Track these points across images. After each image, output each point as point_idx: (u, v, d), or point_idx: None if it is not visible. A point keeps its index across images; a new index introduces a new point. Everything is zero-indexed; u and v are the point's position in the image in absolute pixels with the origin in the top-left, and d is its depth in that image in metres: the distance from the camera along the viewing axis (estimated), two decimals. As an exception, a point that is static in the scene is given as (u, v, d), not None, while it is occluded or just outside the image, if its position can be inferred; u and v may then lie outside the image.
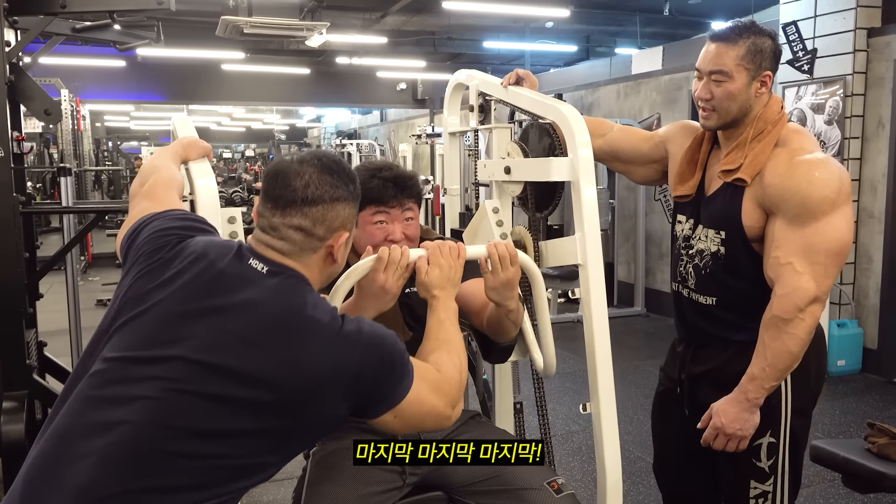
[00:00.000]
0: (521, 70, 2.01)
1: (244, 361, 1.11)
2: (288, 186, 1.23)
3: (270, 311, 1.16)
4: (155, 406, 1.08)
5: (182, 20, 8.57)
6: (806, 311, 1.58)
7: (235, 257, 1.22)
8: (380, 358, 1.19)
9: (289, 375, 1.12)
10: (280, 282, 1.20)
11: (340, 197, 1.25)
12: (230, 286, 1.18)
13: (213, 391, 1.09)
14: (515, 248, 1.55)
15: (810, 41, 4.83)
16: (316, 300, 1.20)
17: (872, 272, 4.74)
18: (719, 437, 1.68)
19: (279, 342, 1.13)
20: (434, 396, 1.27)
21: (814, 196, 1.58)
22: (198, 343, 1.12)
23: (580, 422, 3.83)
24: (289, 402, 1.13)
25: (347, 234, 1.28)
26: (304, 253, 1.24)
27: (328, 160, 1.27)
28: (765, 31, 1.69)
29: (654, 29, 9.67)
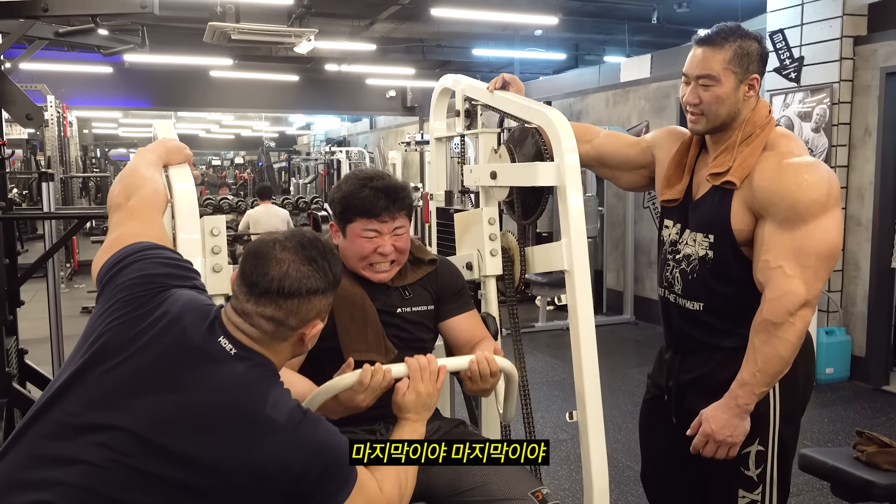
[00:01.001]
0: (507, 74, 2.00)
1: (190, 446, 1.09)
2: (265, 275, 1.19)
3: (229, 402, 1.13)
4: (94, 473, 1.07)
5: (169, 26, 8.54)
6: (797, 314, 1.57)
7: (208, 331, 1.19)
8: (325, 466, 1.18)
9: (232, 469, 1.10)
10: (246, 371, 1.17)
11: (318, 290, 1.21)
12: (196, 363, 1.16)
13: (152, 469, 1.08)
14: (496, 362, 1.53)
15: (797, 49, 4.85)
16: (277, 397, 1.17)
17: (860, 279, 4.75)
18: (709, 443, 1.66)
19: (230, 436, 1.11)
20: (364, 497, 1.24)
21: (803, 199, 1.56)
22: (149, 417, 1.10)
23: (568, 430, 3.80)
24: (224, 493, 1.11)
25: (321, 322, 1.25)
26: (273, 341, 1.22)
27: (311, 248, 1.23)
28: (751, 34, 1.68)
29: (642, 37, 9.73)
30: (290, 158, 18.30)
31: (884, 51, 4.51)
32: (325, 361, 1.57)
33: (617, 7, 8.65)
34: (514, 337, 1.94)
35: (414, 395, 1.41)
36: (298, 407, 1.20)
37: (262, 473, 1.12)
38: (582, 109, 7.58)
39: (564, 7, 8.25)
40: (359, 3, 8.49)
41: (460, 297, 1.80)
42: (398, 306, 1.72)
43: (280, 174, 18.34)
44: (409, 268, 1.77)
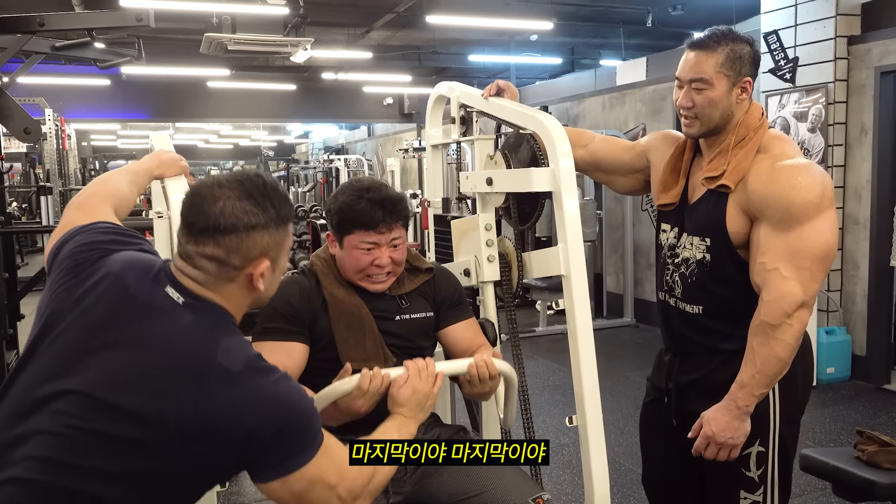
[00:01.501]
0: (501, 81, 2.00)
1: (140, 402, 1.07)
2: (202, 213, 1.16)
3: (177, 353, 1.10)
4: (53, 442, 1.06)
5: (166, 38, 8.57)
6: (794, 316, 1.57)
7: (153, 282, 1.16)
8: (283, 423, 1.12)
9: (183, 423, 1.07)
10: (194, 320, 1.13)
11: (257, 225, 1.17)
12: (142, 317, 1.13)
13: (106, 429, 1.06)
14: (495, 366, 1.54)
15: (791, 50, 4.86)
16: (230, 345, 1.13)
17: (859, 278, 4.75)
18: (710, 445, 1.66)
19: (180, 389, 1.08)
20: (333, 480, 1.18)
21: (798, 201, 1.57)
22: (99, 377, 1.08)
23: (570, 434, 3.80)
24: (178, 451, 1.08)
25: (268, 261, 1.20)
26: (220, 283, 1.17)
27: (251, 183, 1.19)
28: (743, 37, 1.69)
29: (637, 40, 9.74)
30: (289, 167, 18.32)
31: (878, 50, 4.52)
32: (325, 371, 1.57)
33: (612, 11, 8.66)
34: (513, 342, 1.95)
35: (410, 391, 1.40)
36: (258, 358, 1.15)
37: (213, 427, 1.08)
38: (579, 113, 7.60)
39: (559, 12, 8.27)
40: (354, 12, 8.52)
41: (458, 305, 1.81)
42: (396, 314, 1.73)
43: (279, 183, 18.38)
44: (407, 276, 1.77)
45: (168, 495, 1.11)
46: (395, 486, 1.61)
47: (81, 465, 1.05)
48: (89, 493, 1.05)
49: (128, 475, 1.06)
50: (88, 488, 1.05)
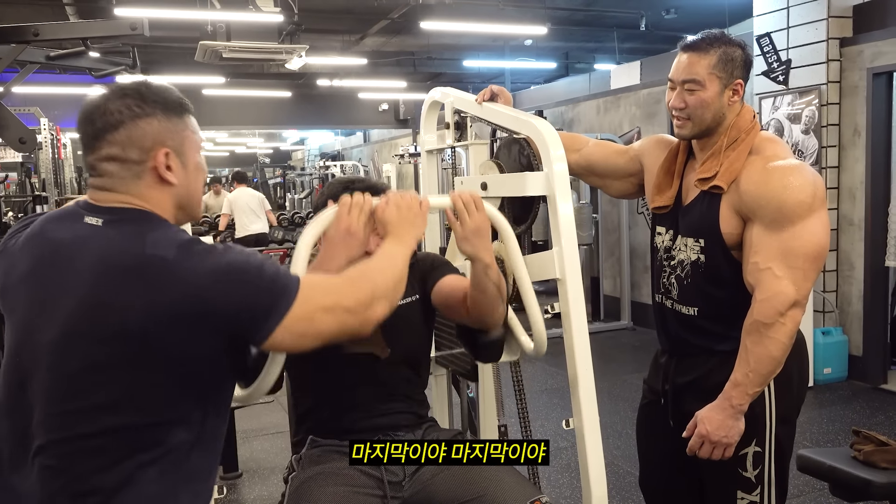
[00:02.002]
0: (494, 86, 2.01)
1: (102, 323, 1.08)
2: (89, 121, 1.18)
3: (111, 265, 1.10)
4: (52, 397, 1.10)
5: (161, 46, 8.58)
6: (787, 315, 1.58)
7: (71, 219, 1.18)
8: (240, 282, 1.10)
9: (144, 321, 1.07)
10: (117, 231, 1.14)
11: (142, 114, 1.17)
12: (70, 259, 1.13)
13: (88, 362, 1.08)
14: (480, 196, 1.55)
15: (784, 52, 4.89)
16: (157, 238, 1.12)
17: (855, 279, 4.77)
18: (705, 444, 1.66)
19: (126, 293, 1.07)
20: (330, 302, 1.16)
21: (789, 201, 1.58)
22: (60, 318, 1.10)
23: (569, 438, 3.80)
24: (151, 347, 1.08)
25: (168, 150, 1.19)
26: (128, 182, 1.17)
27: (128, 86, 1.20)
28: (735, 40, 1.70)
29: (631, 44, 9.79)
30: (285, 174, 18.32)
31: (870, 51, 4.55)
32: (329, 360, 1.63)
33: (605, 15, 8.71)
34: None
35: (395, 209, 1.41)
36: (192, 240, 1.14)
37: (175, 316, 1.07)
38: (574, 117, 7.62)
39: (553, 16, 8.31)
40: (349, 19, 8.55)
41: (439, 268, 1.83)
42: None
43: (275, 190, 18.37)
44: None
45: (184, 400, 1.13)
46: (394, 490, 1.61)
47: (83, 406, 1.08)
48: (103, 428, 1.08)
49: (129, 398, 1.09)
50: (100, 424, 1.08)
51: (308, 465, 1.64)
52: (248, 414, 4.35)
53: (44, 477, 1.09)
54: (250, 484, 3.47)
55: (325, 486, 1.55)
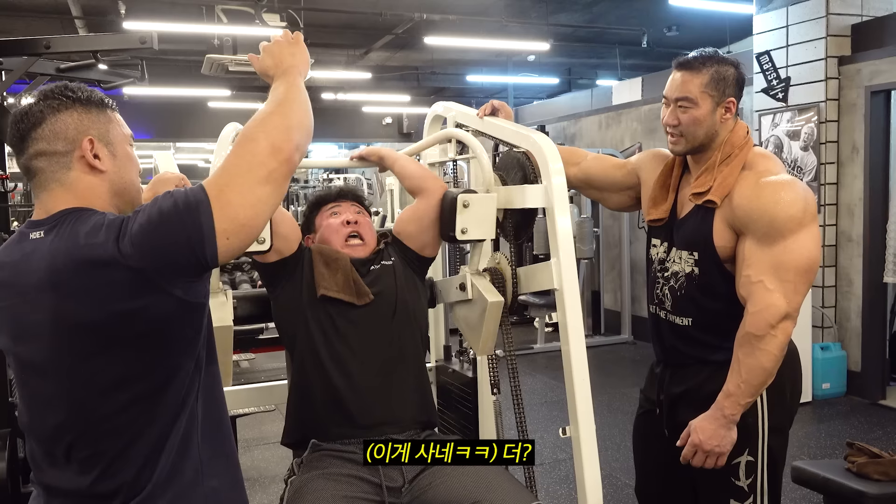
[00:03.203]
0: (496, 101, 2.06)
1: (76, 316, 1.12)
2: (13, 126, 1.21)
3: (56, 265, 1.13)
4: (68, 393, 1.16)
5: (168, 59, 8.67)
6: (778, 327, 1.62)
7: (18, 241, 1.21)
8: (160, 237, 1.10)
9: (106, 306, 1.11)
10: (55, 236, 1.16)
11: (60, 107, 1.21)
12: (25, 276, 1.16)
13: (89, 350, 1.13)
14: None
15: (784, 70, 4.95)
16: (88, 228, 1.14)
17: (853, 295, 4.80)
18: (698, 453, 1.70)
19: (79, 285, 1.11)
20: (236, 171, 1.14)
21: (781, 216, 1.62)
22: (45, 328, 1.14)
23: (567, 450, 3.82)
24: (130, 323, 1.12)
25: (93, 138, 1.22)
26: (60, 174, 1.20)
27: (48, 88, 1.23)
28: (728, 59, 1.75)
29: (633, 61, 9.87)
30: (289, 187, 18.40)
31: (868, 70, 4.60)
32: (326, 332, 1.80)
33: (608, 32, 8.79)
34: (508, 357, 1.99)
35: (268, 57, 1.34)
36: (118, 218, 1.15)
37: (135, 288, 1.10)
38: (575, 133, 7.68)
39: (556, 33, 8.39)
40: (353, 33, 8.63)
41: None
42: (371, 264, 1.91)
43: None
44: None
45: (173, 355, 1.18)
46: (392, 496, 1.64)
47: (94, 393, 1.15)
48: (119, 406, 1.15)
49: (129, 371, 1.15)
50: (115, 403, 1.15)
51: (308, 468, 1.68)
52: (249, 423, 4.38)
53: (83, 468, 1.17)
54: (251, 492, 3.49)
55: (323, 489, 1.59)
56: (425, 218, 1.91)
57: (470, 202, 1.83)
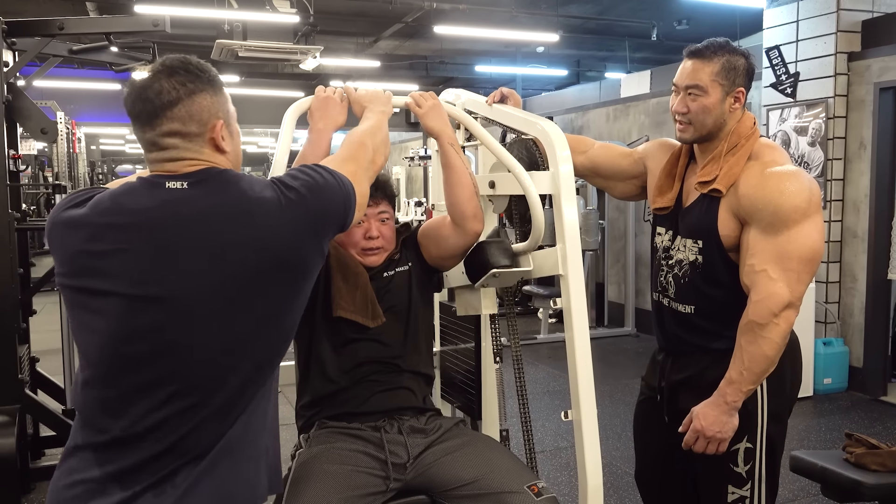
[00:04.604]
0: (505, 88, 2.08)
1: (232, 266, 1.18)
2: (144, 100, 1.24)
3: (220, 213, 1.20)
4: (190, 341, 1.19)
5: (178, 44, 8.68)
6: (780, 316, 1.64)
7: (148, 189, 1.22)
8: (326, 197, 1.30)
9: (271, 253, 1.21)
10: (207, 187, 1.23)
11: (196, 90, 1.26)
12: (164, 214, 1.20)
13: (232, 299, 1.19)
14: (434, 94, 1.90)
15: (793, 65, 4.94)
16: (250, 182, 1.25)
17: (857, 291, 4.81)
18: (699, 440, 1.72)
19: (244, 233, 1.20)
20: (363, 171, 1.44)
21: (785, 206, 1.64)
22: (185, 273, 1.18)
23: (569, 438, 3.86)
24: (286, 268, 1.23)
25: (222, 121, 1.29)
26: (191, 153, 1.26)
27: (172, 62, 1.27)
28: (738, 49, 1.77)
29: (642, 54, 9.85)
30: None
31: (877, 66, 4.59)
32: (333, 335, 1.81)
33: (617, 24, 8.77)
34: (513, 346, 2.01)
35: (364, 91, 1.73)
36: (274, 179, 1.29)
37: (293, 239, 1.23)
38: (583, 125, 7.68)
39: (566, 24, 8.38)
40: (363, 21, 8.63)
41: (419, 226, 2.01)
42: (385, 270, 1.90)
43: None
44: None
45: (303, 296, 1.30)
46: (397, 472, 1.68)
47: (229, 340, 1.20)
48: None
49: (274, 319, 1.24)
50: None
51: (315, 443, 1.71)
52: (253, 406, 4.41)
53: (176, 421, 1.18)
54: (255, 473, 3.53)
55: (328, 463, 1.62)
56: (450, 251, 1.88)
57: (501, 274, 1.85)
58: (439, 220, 1.91)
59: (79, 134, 10.65)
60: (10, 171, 2.92)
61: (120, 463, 1.16)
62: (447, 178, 1.81)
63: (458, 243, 1.84)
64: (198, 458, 1.18)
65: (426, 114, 1.84)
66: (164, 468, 1.16)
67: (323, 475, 1.59)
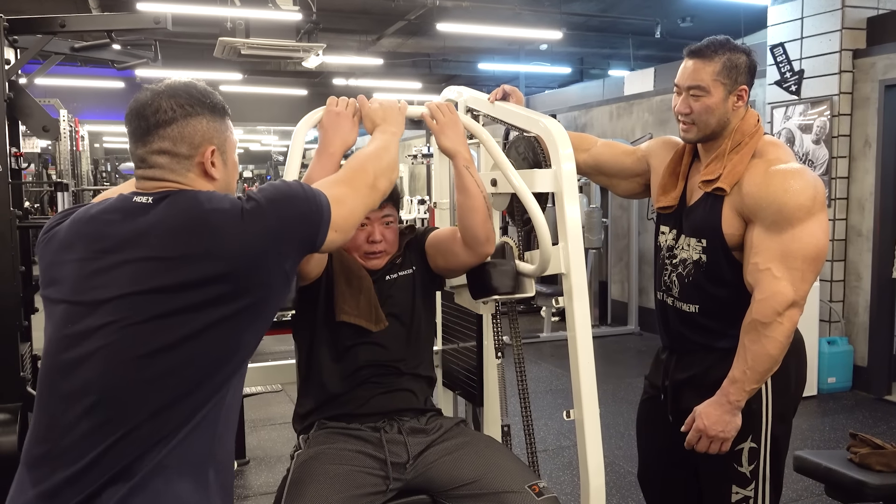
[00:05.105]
0: (507, 86, 2.06)
1: (173, 276, 1.15)
2: (141, 116, 1.25)
3: (171, 223, 1.19)
4: (109, 350, 1.14)
5: (180, 41, 8.68)
6: (784, 314, 1.62)
7: (117, 202, 1.24)
8: (288, 207, 1.24)
9: (221, 265, 1.16)
10: (169, 201, 1.21)
11: (192, 113, 1.26)
12: (123, 228, 1.20)
13: (162, 310, 1.14)
14: (452, 105, 1.79)
15: (797, 62, 4.92)
16: (209, 195, 1.22)
17: (862, 290, 4.79)
18: (702, 439, 1.71)
19: (195, 243, 1.17)
20: (351, 191, 1.37)
21: (790, 204, 1.63)
22: (123, 280, 1.16)
23: (571, 437, 3.85)
24: (235, 284, 1.17)
25: (214, 147, 1.28)
26: (177, 174, 1.26)
27: (178, 85, 1.28)
28: (739, 47, 1.75)
29: (646, 51, 9.82)
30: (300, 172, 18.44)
31: (882, 64, 4.57)
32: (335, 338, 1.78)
33: (621, 22, 8.75)
34: (514, 344, 2.00)
35: (378, 106, 1.66)
36: (232, 196, 1.25)
37: (247, 252, 1.18)
38: (586, 122, 7.66)
39: (569, 22, 8.36)
40: (366, 19, 8.62)
41: (428, 230, 1.96)
42: (387, 273, 1.88)
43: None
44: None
45: (254, 321, 1.23)
46: (397, 472, 1.67)
47: (149, 352, 1.14)
48: (164, 370, 1.15)
49: (209, 327, 1.17)
50: (162, 366, 1.15)
51: (314, 444, 1.70)
52: (256, 404, 4.42)
53: (90, 439, 1.14)
54: (257, 471, 3.53)
55: (328, 464, 1.61)
56: (459, 266, 1.86)
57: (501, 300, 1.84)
58: (449, 234, 1.85)
59: (82, 132, 10.66)
60: (11, 168, 2.91)
61: (49, 482, 1.13)
62: (461, 202, 1.75)
63: (468, 261, 1.81)
64: (124, 477, 1.12)
65: (442, 131, 1.76)
66: (89, 486, 1.12)
67: (322, 475, 1.58)
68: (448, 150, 1.76)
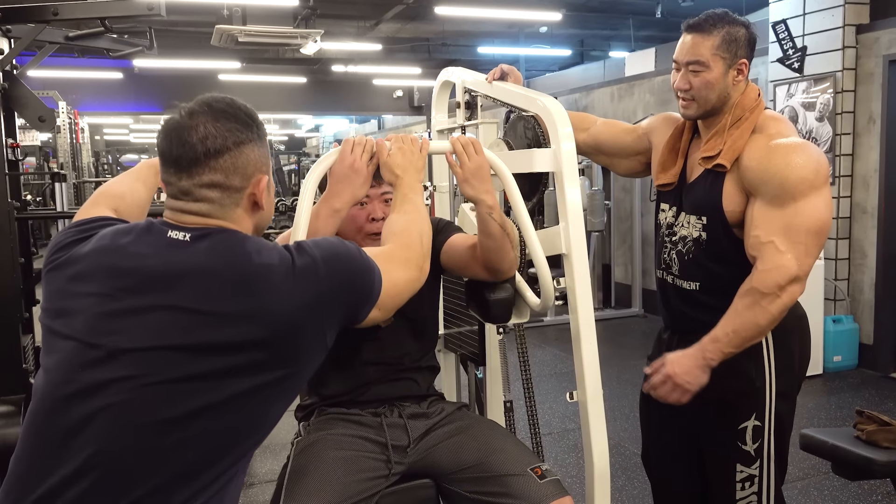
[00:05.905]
0: (505, 66, 2.04)
1: (208, 334, 1.04)
2: (185, 144, 1.11)
3: (213, 273, 1.07)
4: (122, 408, 1.02)
5: (177, 30, 8.63)
6: (785, 289, 1.60)
7: (149, 233, 1.12)
8: (343, 272, 1.15)
9: (261, 329, 1.05)
10: (209, 244, 1.09)
11: (244, 140, 1.14)
12: (150, 260, 1.08)
13: (189, 372, 1.03)
14: (478, 140, 1.63)
15: (800, 39, 4.87)
16: (259, 246, 1.11)
17: (867, 267, 4.76)
18: (667, 384, 1.67)
19: (237, 301, 1.05)
20: (403, 270, 1.29)
21: (792, 178, 1.60)
22: (149, 330, 1.04)
23: (576, 420, 3.83)
24: (273, 352, 1.07)
25: (266, 176, 1.18)
26: (227, 209, 1.14)
27: (220, 104, 1.15)
28: (738, 20, 1.72)
29: (646, 32, 9.73)
30: (300, 161, 18.39)
31: (886, 38, 4.52)
32: None
33: (621, 2, 8.66)
34: (517, 328, 1.99)
35: (399, 153, 1.49)
36: (285, 246, 1.15)
37: (291, 316, 1.07)
38: (588, 104, 7.61)
39: (569, 3, 8.27)
40: (364, 4, 8.55)
41: (444, 229, 1.83)
42: None
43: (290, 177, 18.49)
44: None
45: (284, 392, 1.13)
46: (398, 456, 1.65)
47: (169, 417, 1.02)
48: (179, 441, 1.03)
49: (238, 396, 1.06)
50: (177, 436, 1.03)
51: (314, 430, 1.69)
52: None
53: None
54: (262, 459, 3.53)
55: (328, 449, 1.60)
56: (468, 276, 1.79)
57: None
58: (468, 250, 1.72)
59: (82, 124, 10.63)
60: (8, 160, 2.89)
61: None
62: (483, 242, 1.64)
63: (484, 278, 1.73)
64: None
65: (466, 180, 1.60)
66: None
67: (323, 461, 1.57)
68: (471, 199, 1.62)
